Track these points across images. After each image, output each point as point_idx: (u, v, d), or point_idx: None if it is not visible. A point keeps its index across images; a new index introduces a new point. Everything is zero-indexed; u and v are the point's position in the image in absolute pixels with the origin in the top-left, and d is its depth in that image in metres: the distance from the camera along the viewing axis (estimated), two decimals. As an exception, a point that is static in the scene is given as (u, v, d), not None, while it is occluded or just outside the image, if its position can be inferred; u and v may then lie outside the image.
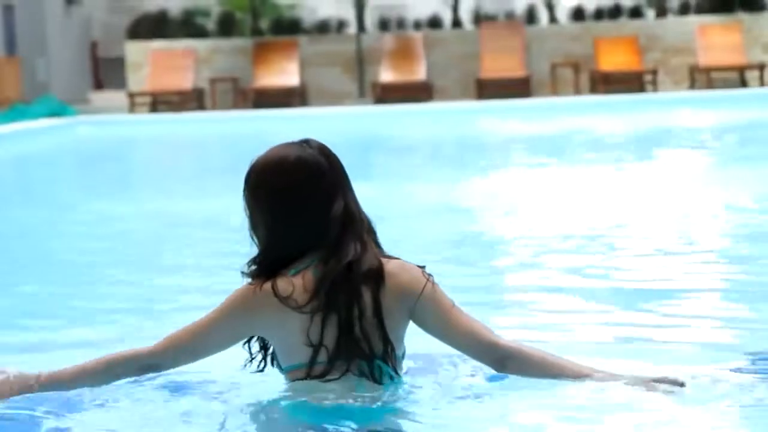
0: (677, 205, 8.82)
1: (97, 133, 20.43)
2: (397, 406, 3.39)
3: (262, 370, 3.56)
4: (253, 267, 3.52)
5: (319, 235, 3.47)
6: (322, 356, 3.43)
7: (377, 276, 3.46)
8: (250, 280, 3.51)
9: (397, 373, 3.49)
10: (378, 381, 3.45)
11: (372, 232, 3.55)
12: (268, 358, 3.54)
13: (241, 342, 3.54)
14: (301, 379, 3.46)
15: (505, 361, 3.46)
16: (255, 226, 3.51)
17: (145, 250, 7.70)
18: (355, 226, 3.50)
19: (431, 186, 10.63)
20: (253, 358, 3.56)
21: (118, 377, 3.52)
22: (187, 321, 3.50)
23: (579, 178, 11.05)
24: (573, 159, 12.98)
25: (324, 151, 3.52)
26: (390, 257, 3.53)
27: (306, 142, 3.53)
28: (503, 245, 7.39)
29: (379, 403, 3.37)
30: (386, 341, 3.46)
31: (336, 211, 3.47)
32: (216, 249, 7.51)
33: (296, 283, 3.44)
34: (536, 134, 17.40)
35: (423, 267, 3.53)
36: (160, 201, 10.40)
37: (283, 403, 3.43)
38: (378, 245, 3.55)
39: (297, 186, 3.48)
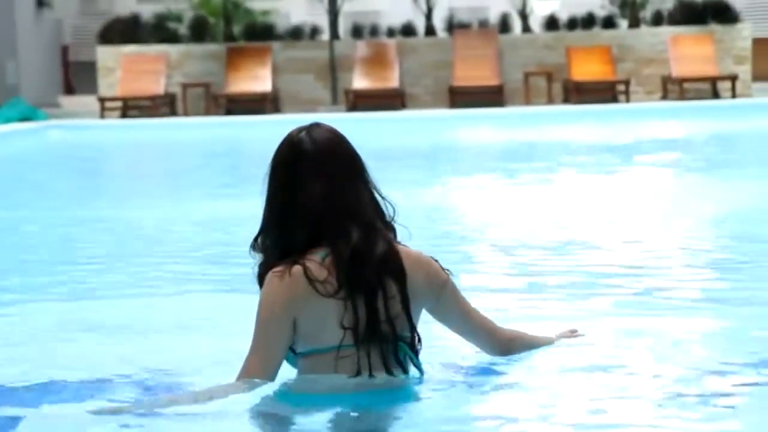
0: (648, 215, 8.81)
1: (67, 138, 20.29)
2: (416, 396, 3.41)
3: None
4: (261, 242, 3.49)
5: (308, 221, 3.44)
6: (349, 340, 3.39)
7: (397, 261, 3.45)
8: (258, 257, 3.49)
9: (418, 361, 3.51)
10: (403, 367, 3.44)
11: (383, 217, 3.54)
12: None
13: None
14: (323, 366, 3.38)
15: (509, 347, 3.81)
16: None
17: (113, 252, 7.62)
18: (358, 213, 3.46)
19: (402, 194, 10.57)
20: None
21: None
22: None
23: (550, 187, 11.03)
24: (545, 168, 12.96)
25: (314, 136, 3.50)
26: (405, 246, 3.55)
27: (312, 127, 3.55)
28: (473, 255, 7.36)
29: (398, 394, 3.38)
30: (413, 328, 3.47)
31: (316, 197, 3.43)
32: (187, 254, 7.45)
33: (328, 267, 3.40)
34: (509, 143, 17.39)
35: (436, 260, 3.63)
36: (122, 207, 10.32)
37: (293, 395, 3.39)
38: (394, 233, 3.57)
39: (276, 166, 3.51)
